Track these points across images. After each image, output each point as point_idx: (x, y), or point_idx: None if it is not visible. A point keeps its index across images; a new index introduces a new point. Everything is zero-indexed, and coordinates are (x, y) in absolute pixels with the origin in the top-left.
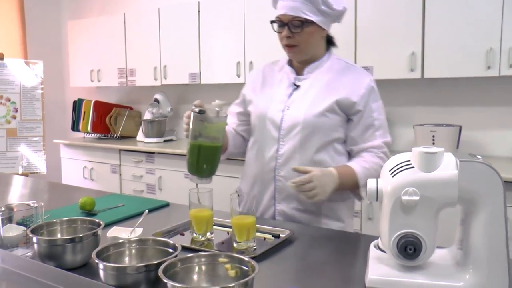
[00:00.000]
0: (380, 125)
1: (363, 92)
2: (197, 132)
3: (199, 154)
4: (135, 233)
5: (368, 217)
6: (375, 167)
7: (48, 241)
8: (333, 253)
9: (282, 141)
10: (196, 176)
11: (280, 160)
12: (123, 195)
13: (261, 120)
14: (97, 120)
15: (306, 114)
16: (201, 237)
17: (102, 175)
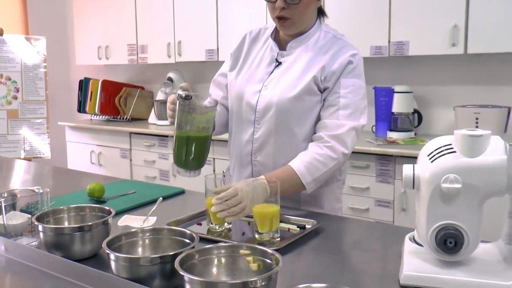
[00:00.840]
0: (347, 104)
1: (336, 67)
2: (184, 122)
3: (187, 146)
4: (148, 222)
5: (401, 208)
6: (319, 160)
7: (55, 230)
8: (363, 246)
9: (258, 124)
10: (183, 169)
11: (256, 144)
12: (134, 181)
13: (238, 100)
14: (105, 100)
15: (280, 96)
16: (218, 228)
17: (111, 160)
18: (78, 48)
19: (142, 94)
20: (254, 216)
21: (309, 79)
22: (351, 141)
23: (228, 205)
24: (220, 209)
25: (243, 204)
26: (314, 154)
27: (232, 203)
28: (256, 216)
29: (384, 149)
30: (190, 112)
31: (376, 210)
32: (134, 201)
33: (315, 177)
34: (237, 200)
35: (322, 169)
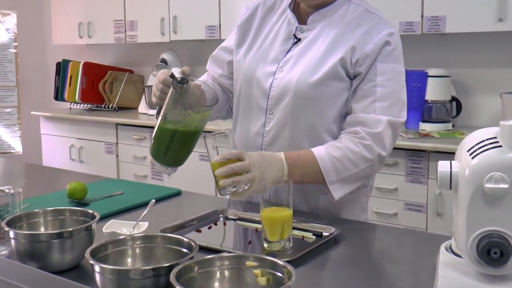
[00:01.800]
0: (385, 94)
1: (370, 49)
2: (173, 114)
3: (170, 141)
4: (139, 228)
5: (435, 212)
6: (351, 159)
7: (29, 236)
8: (391, 257)
9: (270, 114)
10: (159, 164)
11: (267, 138)
12: (121, 181)
13: (247, 84)
14: (88, 86)
15: (299, 79)
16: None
17: (94, 156)
18: (55, 24)
19: (130, 79)
20: (262, 222)
21: (335, 61)
22: (389, 142)
23: (232, 169)
24: (224, 173)
25: (252, 174)
26: (347, 150)
27: (237, 168)
28: (264, 222)
29: (416, 143)
30: (185, 107)
31: (406, 215)
32: (121, 203)
33: (341, 177)
34: (244, 166)
35: (352, 169)
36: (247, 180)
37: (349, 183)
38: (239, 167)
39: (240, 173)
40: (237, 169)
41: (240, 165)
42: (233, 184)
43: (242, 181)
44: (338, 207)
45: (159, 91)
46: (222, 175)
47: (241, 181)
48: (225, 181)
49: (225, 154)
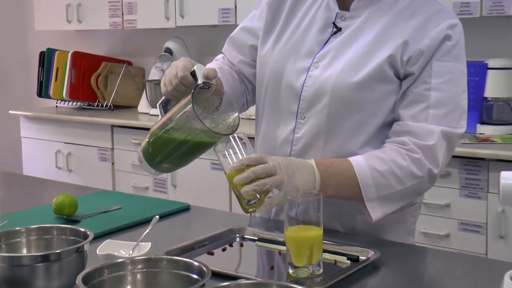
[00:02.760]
0: (441, 100)
1: (426, 44)
2: (182, 125)
3: (172, 151)
4: (140, 249)
5: (497, 234)
6: (395, 174)
7: (8, 260)
8: (441, 286)
9: (301, 118)
10: (151, 167)
11: (297, 147)
12: (118, 193)
13: (274, 80)
14: (78, 81)
15: (338, 79)
16: (253, 200)
17: (85, 163)
18: (38, 7)
19: (129, 72)
20: (287, 243)
21: (383, 59)
22: (442, 157)
23: (254, 173)
24: (245, 179)
25: (279, 177)
26: (391, 163)
27: (259, 171)
28: (289, 243)
29: (473, 149)
30: (200, 129)
31: (460, 236)
32: (119, 220)
33: (382, 194)
34: (267, 168)
35: (396, 186)
36: (274, 183)
37: (391, 202)
38: (261, 170)
39: (264, 177)
40: (260, 172)
41: (262, 167)
42: (257, 189)
43: (267, 183)
44: (379, 229)
45: (172, 85)
46: (242, 182)
47: (267, 184)
48: (247, 188)
49: (243, 159)
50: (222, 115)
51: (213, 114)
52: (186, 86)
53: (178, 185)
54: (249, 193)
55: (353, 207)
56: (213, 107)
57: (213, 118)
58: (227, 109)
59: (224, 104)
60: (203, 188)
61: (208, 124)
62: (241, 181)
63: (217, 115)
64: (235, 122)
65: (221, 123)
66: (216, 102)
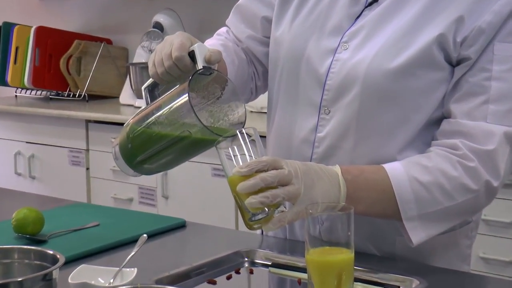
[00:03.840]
0: (504, 93)
1: (487, 20)
2: (174, 120)
3: (159, 152)
4: (123, 277)
5: None
6: (443, 186)
7: None
8: None
9: (326, 113)
10: (130, 167)
11: (320, 149)
12: (95, 207)
13: (291, 64)
14: (43, 64)
15: (373, 64)
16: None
17: (52, 169)
18: None
19: (108, 53)
20: (308, 269)
21: (430, 39)
22: (505, 166)
23: (264, 180)
24: (251, 188)
25: (294, 187)
26: (438, 173)
27: (270, 178)
28: (312, 269)
29: None
30: (197, 126)
31: None
32: (96, 240)
33: (425, 212)
34: (280, 175)
35: (444, 202)
36: (287, 195)
37: (437, 222)
38: (273, 177)
39: (275, 187)
40: (271, 180)
41: (275, 174)
42: (266, 202)
43: (279, 195)
44: (424, 254)
45: (164, 67)
46: (248, 190)
47: (278, 196)
48: (253, 199)
49: (252, 163)
50: (224, 108)
51: (213, 106)
52: (181, 70)
53: (171, 196)
54: (255, 206)
55: (391, 226)
56: (213, 98)
57: (213, 112)
58: (230, 101)
59: (227, 94)
60: (202, 200)
61: (205, 119)
62: (246, 190)
63: (218, 108)
64: (241, 118)
65: (222, 119)
66: (217, 92)
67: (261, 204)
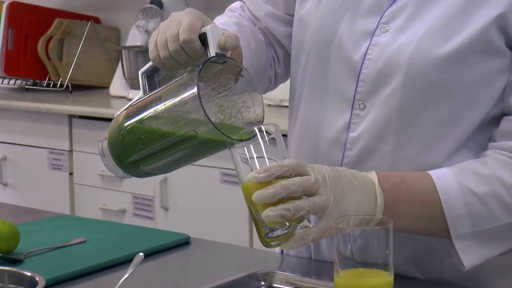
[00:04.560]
0: None
1: None
2: (183, 118)
3: (161, 150)
4: None
5: None
6: (502, 199)
7: None
8: None
9: (361, 108)
10: (120, 168)
11: (353, 151)
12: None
13: (319, 49)
14: (17, 47)
15: (418, 51)
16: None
17: (29, 174)
18: None
19: (96, 34)
20: None
21: (488, 20)
22: None
23: (286, 189)
24: (270, 198)
25: (321, 198)
26: (496, 182)
27: (293, 186)
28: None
29: None
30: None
31: None
32: (83, 260)
33: (480, 230)
34: (305, 183)
35: (503, 218)
36: (313, 207)
37: (495, 241)
38: (297, 185)
39: (298, 197)
40: (294, 188)
41: (299, 182)
42: (287, 216)
43: (303, 207)
44: (478, 279)
45: (169, 50)
46: (266, 201)
47: (302, 208)
48: (271, 211)
49: (272, 167)
50: (238, 103)
51: (224, 100)
52: (189, 56)
53: (172, 207)
54: (274, 220)
55: (439, 245)
56: (224, 90)
57: (223, 107)
58: (245, 93)
59: (241, 85)
60: (209, 212)
61: (214, 115)
62: (264, 200)
63: (230, 103)
64: (258, 117)
65: (234, 116)
66: (230, 83)
67: (281, 218)
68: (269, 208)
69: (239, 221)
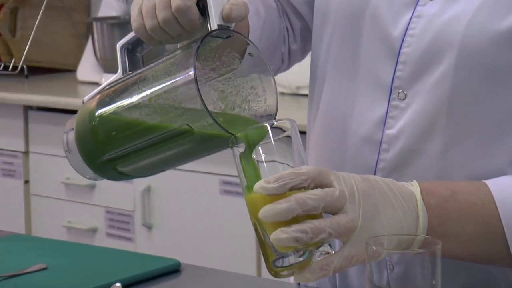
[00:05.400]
0: None
1: None
2: (175, 106)
3: (147, 147)
4: None
5: None
6: None
7: None
8: None
9: (401, 97)
10: (93, 171)
11: (390, 155)
12: (40, 240)
13: (347, 21)
14: None
15: (473, 24)
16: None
17: None
18: None
19: (59, 2)
20: None
21: None
22: None
23: (302, 204)
24: (283, 216)
25: (347, 218)
26: None
27: (312, 202)
28: None
29: None
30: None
31: None
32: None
33: None
34: (328, 198)
35: None
36: (336, 230)
37: None
38: (316, 200)
39: (318, 215)
40: (313, 204)
41: (319, 195)
42: (303, 240)
43: (323, 229)
44: None
45: (158, 20)
46: (276, 219)
47: (322, 231)
48: (283, 233)
49: (285, 174)
50: (244, 88)
51: (226, 84)
52: (183, 27)
53: (157, 225)
54: (286, 244)
55: (499, 273)
56: (227, 70)
57: (225, 93)
58: (254, 76)
59: (249, 65)
60: (205, 231)
61: (213, 103)
62: (274, 217)
63: (233, 88)
64: (270, 108)
65: (239, 106)
66: (234, 62)
67: (295, 242)
68: (280, 229)
69: (243, 243)
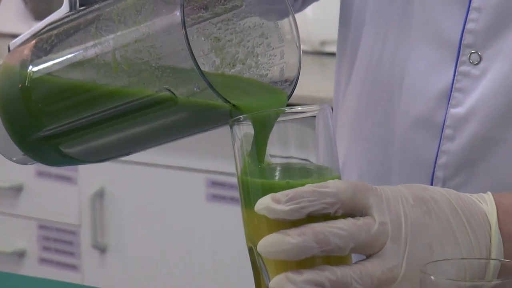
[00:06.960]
0: None
1: None
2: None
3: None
4: None
5: None
6: None
7: None
8: None
9: (473, 60)
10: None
11: (455, 144)
12: None
13: None
14: None
15: None
16: None
17: None
18: None
19: None
20: None
21: None
22: None
23: (323, 243)
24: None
25: (385, 265)
26: None
27: (338, 241)
28: None
29: None
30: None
31: None
32: None
33: None
34: (364, 236)
35: None
36: (366, 284)
37: None
38: (344, 236)
39: (345, 257)
40: (337, 243)
41: (349, 230)
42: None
43: (348, 284)
44: None
45: None
46: (283, 257)
47: (347, 285)
48: (288, 282)
49: (302, 191)
50: (251, 34)
51: (225, 30)
52: None
53: (113, 246)
54: None
55: None
56: (224, 9)
57: (221, 42)
58: (264, 18)
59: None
60: (184, 252)
61: (205, 57)
62: (278, 255)
63: (236, 34)
64: (291, 69)
65: (242, 61)
66: None
67: None
68: (285, 275)
69: (236, 270)
